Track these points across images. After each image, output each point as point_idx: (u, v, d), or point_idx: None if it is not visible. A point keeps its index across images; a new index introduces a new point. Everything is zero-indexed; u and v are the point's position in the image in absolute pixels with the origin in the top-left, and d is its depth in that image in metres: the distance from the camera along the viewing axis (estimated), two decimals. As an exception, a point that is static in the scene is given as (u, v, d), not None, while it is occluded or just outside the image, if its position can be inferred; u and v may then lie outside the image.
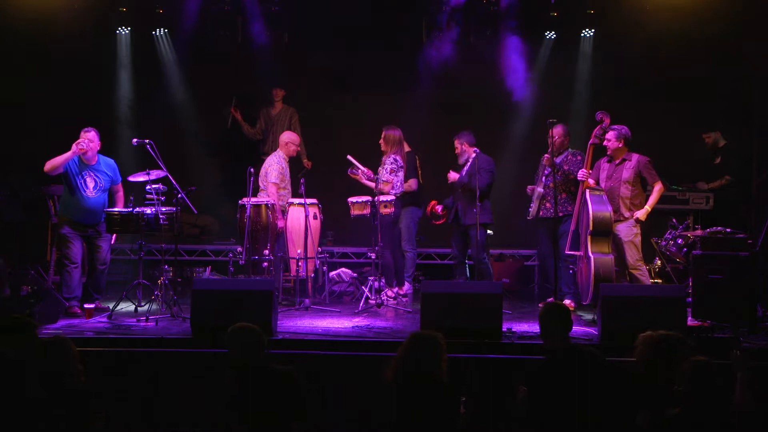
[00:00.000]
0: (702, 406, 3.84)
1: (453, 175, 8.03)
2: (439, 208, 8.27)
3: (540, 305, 7.81)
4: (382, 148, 8.25)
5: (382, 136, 8.25)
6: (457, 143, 8.16)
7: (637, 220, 7.20)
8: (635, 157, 7.29)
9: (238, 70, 10.03)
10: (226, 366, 4.46)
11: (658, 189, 7.27)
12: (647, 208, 7.21)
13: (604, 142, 7.34)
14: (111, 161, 7.49)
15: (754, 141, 9.33)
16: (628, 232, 7.20)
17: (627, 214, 7.22)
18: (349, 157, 8.15)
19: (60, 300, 7.05)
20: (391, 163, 8.14)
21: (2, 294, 5.37)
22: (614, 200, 7.26)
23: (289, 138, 8.46)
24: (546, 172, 7.61)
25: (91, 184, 7.27)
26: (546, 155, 7.56)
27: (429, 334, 4.34)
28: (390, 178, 8.04)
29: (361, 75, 9.98)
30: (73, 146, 7.12)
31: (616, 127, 7.31)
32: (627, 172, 7.26)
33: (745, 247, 6.81)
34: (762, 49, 8.69)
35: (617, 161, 7.32)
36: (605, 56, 9.60)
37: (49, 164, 7.19)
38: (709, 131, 9.12)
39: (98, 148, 7.33)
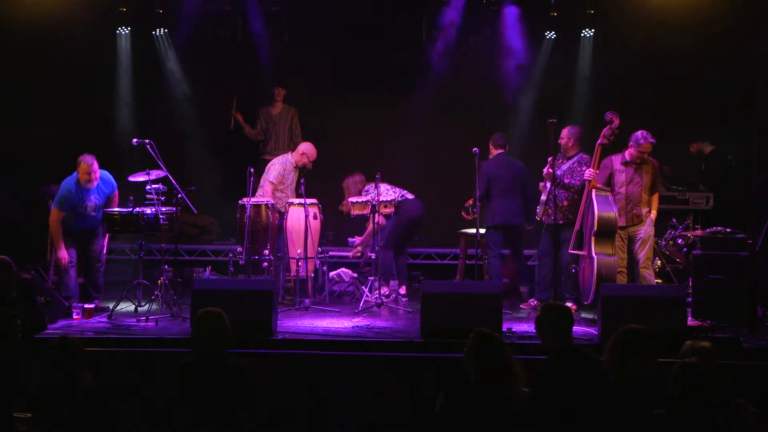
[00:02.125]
0: (689, 408, 3.80)
1: None
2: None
3: (531, 302, 7.90)
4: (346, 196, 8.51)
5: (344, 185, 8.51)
6: None
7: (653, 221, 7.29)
8: (651, 160, 7.30)
9: (238, 70, 10.03)
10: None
11: (658, 196, 7.41)
12: (654, 212, 7.30)
13: (641, 153, 7.17)
14: (106, 175, 7.38)
15: (754, 141, 9.34)
16: (649, 231, 7.24)
17: (644, 217, 7.27)
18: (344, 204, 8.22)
19: (60, 300, 7.05)
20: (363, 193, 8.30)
21: (11, 295, 5.39)
22: (635, 205, 7.24)
23: (305, 149, 8.38)
24: (548, 186, 7.55)
25: (90, 205, 7.28)
26: (546, 169, 7.45)
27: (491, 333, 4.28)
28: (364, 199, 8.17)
29: (361, 75, 9.98)
30: (61, 259, 7.17)
31: (645, 133, 7.16)
32: (647, 176, 7.26)
33: (745, 247, 6.80)
34: (762, 49, 8.69)
35: (635, 165, 7.28)
36: (605, 56, 9.60)
37: (53, 224, 7.22)
38: (692, 142, 9.22)
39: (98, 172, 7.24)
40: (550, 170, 7.35)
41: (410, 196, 8.29)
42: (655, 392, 4.07)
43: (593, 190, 7.24)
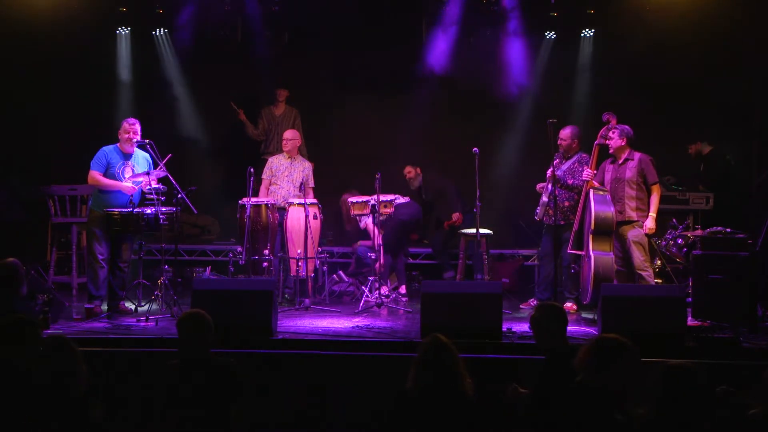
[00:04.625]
0: (673, 410, 3.75)
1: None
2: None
3: (531, 302, 7.90)
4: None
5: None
6: None
7: (649, 230, 7.14)
8: (637, 155, 7.26)
9: (238, 70, 10.02)
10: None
11: (656, 191, 7.23)
12: (652, 214, 7.16)
13: (607, 141, 7.31)
14: (146, 156, 7.37)
15: (754, 141, 9.34)
16: (635, 232, 7.17)
17: (631, 214, 7.18)
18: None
19: (61, 301, 7.05)
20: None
21: (20, 293, 5.39)
22: (619, 201, 7.22)
23: (284, 134, 8.50)
24: (548, 187, 7.52)
25: (127, 170, 7.25)
26: (549, 171, 7.43)
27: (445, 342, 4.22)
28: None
29: (361, 75, 9.97)
30: (128, 187, 7.09)
31: (618, 126, 7.29)
32: (630, 171, 7.22)
33: (745, 247, 6.80)
34: (762, 49, 8.69)
35: (620, 161, 7.29)
36: (605, 56, 9.60)
37: (97, 182, 7.14)
38: (692, 142, 9.23)
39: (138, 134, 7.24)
40: (550, 172, 7.35)
41: (403, 200, 8.31)
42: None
43: (591, 190, 7.25)
